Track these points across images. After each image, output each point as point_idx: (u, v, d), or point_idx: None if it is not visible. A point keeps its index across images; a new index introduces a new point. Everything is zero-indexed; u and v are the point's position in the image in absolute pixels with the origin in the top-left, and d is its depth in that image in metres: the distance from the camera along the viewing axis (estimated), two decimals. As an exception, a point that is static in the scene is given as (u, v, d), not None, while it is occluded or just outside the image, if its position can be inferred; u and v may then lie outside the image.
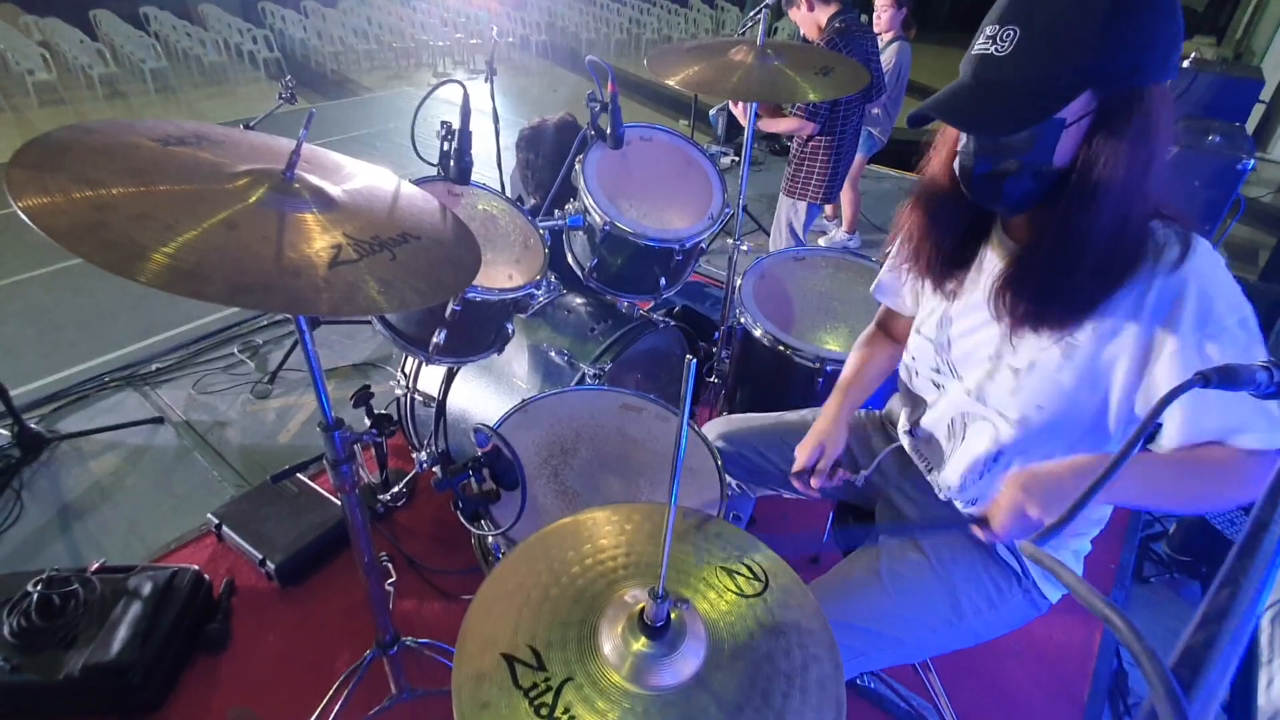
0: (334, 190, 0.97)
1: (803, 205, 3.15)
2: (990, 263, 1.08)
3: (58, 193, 0.73)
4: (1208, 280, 0.89)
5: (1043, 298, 0.96)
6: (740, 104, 2.82)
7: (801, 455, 1.28)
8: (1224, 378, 0.54)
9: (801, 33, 2.97)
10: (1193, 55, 4.61)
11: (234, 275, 0.72)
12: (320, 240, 0.86)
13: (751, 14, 2.00)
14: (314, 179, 0.95)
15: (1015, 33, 0.86)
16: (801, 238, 3.26)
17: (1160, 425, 0.94)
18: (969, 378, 1.14)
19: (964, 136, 0.97)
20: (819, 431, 1.28)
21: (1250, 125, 5.35)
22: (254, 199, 0.87)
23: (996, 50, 0.88)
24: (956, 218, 1.08)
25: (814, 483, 1.26)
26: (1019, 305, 0.99)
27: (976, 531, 1.01)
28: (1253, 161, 3.14)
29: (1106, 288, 0.93)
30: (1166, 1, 0.84)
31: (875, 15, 3.68)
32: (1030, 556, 0.37)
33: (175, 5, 9.69)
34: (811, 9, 2.83)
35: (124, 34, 8.40)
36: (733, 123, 6.16)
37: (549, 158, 2.18)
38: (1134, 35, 0.83)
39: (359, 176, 1.07)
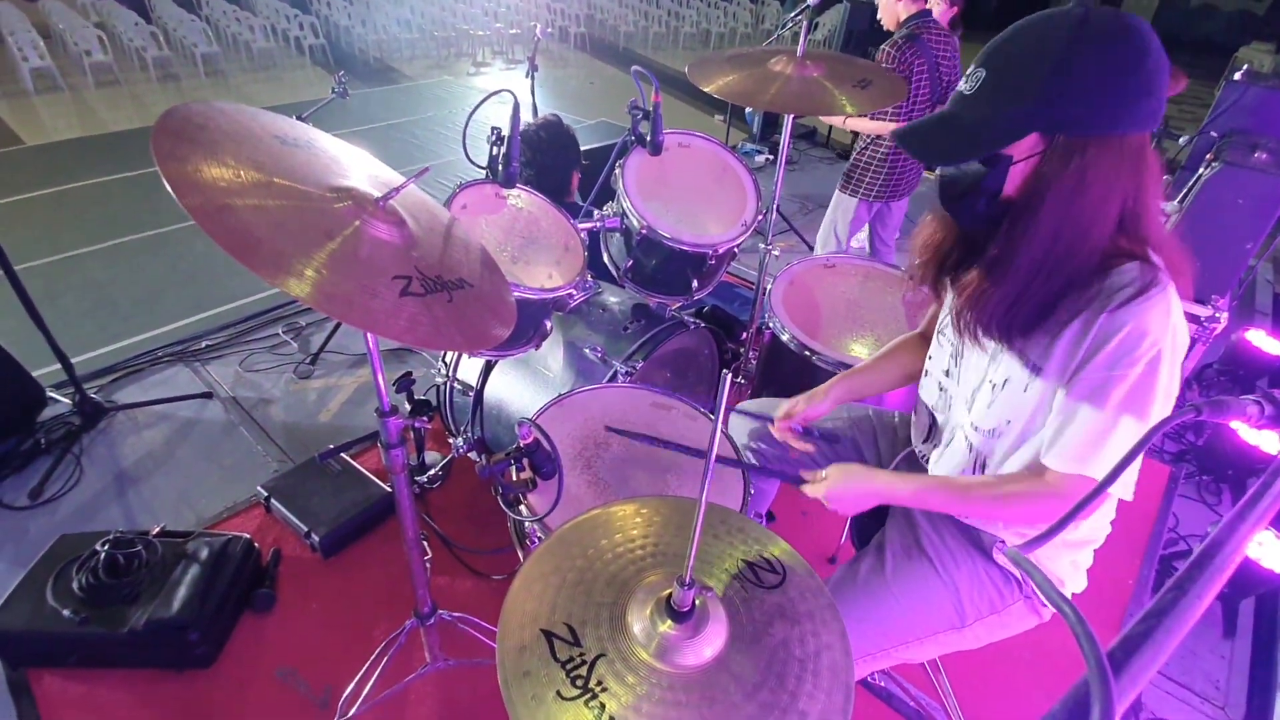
0: (412, 223, 1.05)
1: (853, 203, 3.10)
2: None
3: (193, 169, 0.81)
4: (1143, 324, 0.94)
5: (970, 308, 1.07)
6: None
7: (784, 407, 1.45)
8: (1214, 409, 0.59)
9: (879, 17, 2.91)
10: (1245, 67, 4.51)
11: (325, 283, 0.80)
12: (395, 268, 0.94)
13: (792, 15, 2.03)
14: (400, 208, 1.03)
15: (983, 75, 0.96)
16: (843, 239, 3.22)
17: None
18: (966, 386, 1.21)
19: None
20: (807, 393, 1.45)
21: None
22: (350, 215, 0.95)
23: (967, 90, 0.98)
24: (957, 235, 1.15)
25: (778, 427, 1.44)
26: (959, 314, 1.09)
27: (807, 490, 1.24)
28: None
29: (1035, 312, 1.02)
30: (1121, 60, 0.90)
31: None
32: (1011, 557, 0.43)
33: (226, -11, 9.94)
34: None
35: (177, 18, 8.65)
36: (768, 121, 6.20)
37: (539, 151, 2.26)
38: (1079, 89, 0.90)
39: (425, 210, 1.15)
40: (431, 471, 2.27)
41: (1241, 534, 0.42)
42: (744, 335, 2.67)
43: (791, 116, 2.20)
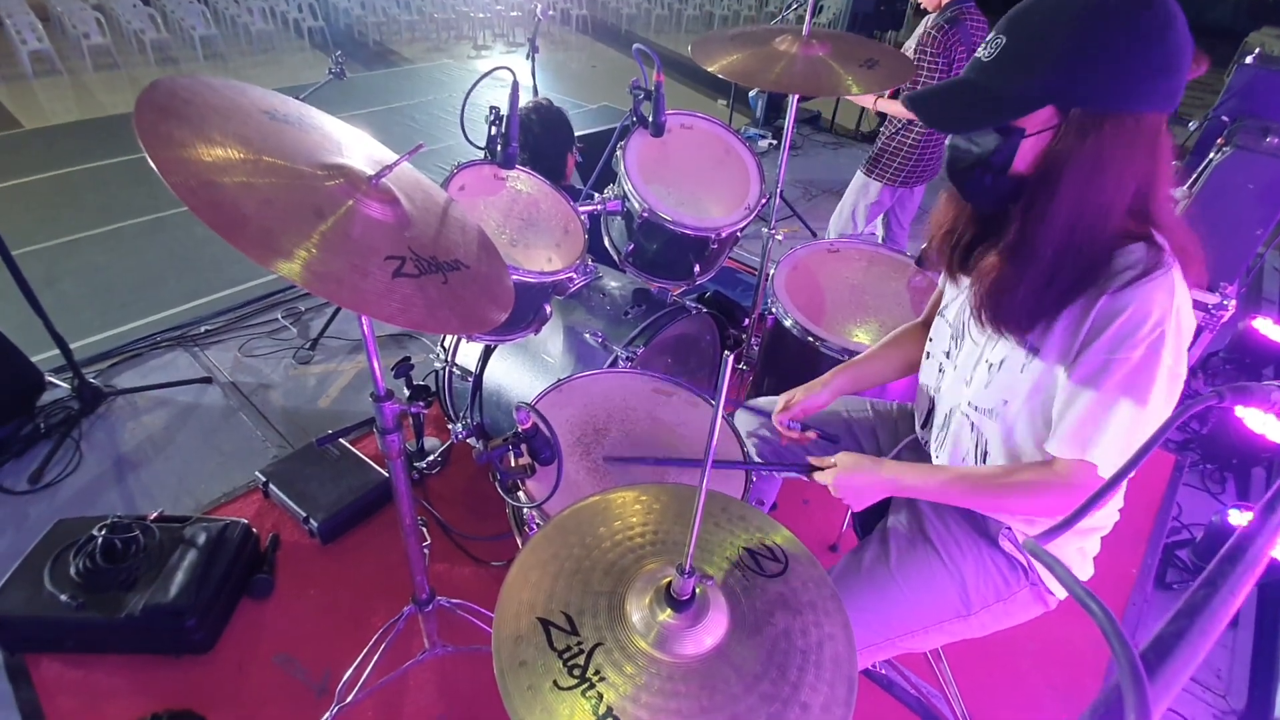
0: (406, 203, 1.03)
1: (876, 187, 3.07)
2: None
3: (179, 146, 0.79)
4: (1146, 306, 0.92)
5: (996, 299, 1.03)
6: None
7: (782, 399, 1.44)
8: (1238, 394, 0.56)
9: None
10: (1257, 50, 4.44)
11: (315, 262, 0.78)
12: (388, 248, 0.91)
13: (798, -1, 1.99)
14: (394, 187, 1.01)
15: (1003, 42, 0.93)
16: (860, 223, 3.19)
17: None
18: (964, 366, 1.18)
19: None
20: (806, 385, 1.43)
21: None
22: (342, 194, 0.93)
23: (985, 55, 0.94)
24: (969, 214, 1.13)
25: (778, 420, 1.42)
26: (982, 305, 1.05)
27: (817, 477, 1.20)
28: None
29: (1057, 297, 0.98)
30: (1143, 35, 0.86)
31: None
32: (1029, 550, 0.41)
33: (224, -29, 9.81)
34: None
35: (175, 0, 8.55)
36: (772, 105, 6.12)
37: (532, 135, 2.22)
38: (1098, 63, 0.87)
39: (420, 190, 1.13)
40: (430, 458, 2.25)
41: (1273, 526, 0.39)
42: (746, 321, 2.64)
43: (796, 100, 2.16)
